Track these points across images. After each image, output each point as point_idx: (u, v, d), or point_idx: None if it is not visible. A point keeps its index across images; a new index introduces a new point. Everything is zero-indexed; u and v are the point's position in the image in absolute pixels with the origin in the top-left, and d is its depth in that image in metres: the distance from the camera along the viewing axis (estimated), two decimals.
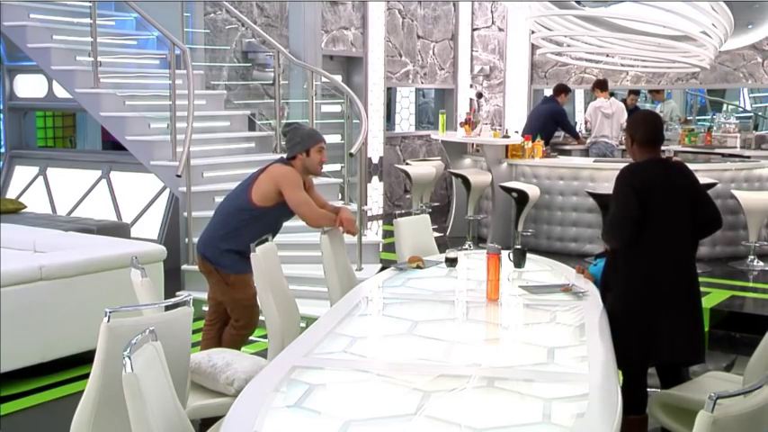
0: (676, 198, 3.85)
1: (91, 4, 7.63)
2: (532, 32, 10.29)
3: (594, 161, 8.81)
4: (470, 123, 9.35)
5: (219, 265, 4.45)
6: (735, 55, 10.69)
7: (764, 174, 8.40)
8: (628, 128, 4.18)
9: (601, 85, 10.12)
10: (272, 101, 8.60)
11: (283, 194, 4.42)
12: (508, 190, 8.27)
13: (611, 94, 10.44)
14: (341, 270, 4.51)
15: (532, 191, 8.16)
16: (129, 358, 2.27)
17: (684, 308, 3.85)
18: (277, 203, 4.45)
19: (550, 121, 9.94)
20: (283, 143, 4.69)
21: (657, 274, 3.81)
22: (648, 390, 3.95)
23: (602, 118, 9.94)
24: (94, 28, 7.55)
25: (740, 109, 12.62)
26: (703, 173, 7.08)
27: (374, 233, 9.35)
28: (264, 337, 4.59)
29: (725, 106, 12.30)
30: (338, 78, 8.82)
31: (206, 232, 4.59)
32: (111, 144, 8.93)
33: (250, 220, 4.42)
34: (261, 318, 4.17)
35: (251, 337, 4.74)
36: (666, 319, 3.78)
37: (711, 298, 6.51)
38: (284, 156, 4.63)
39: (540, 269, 4.54)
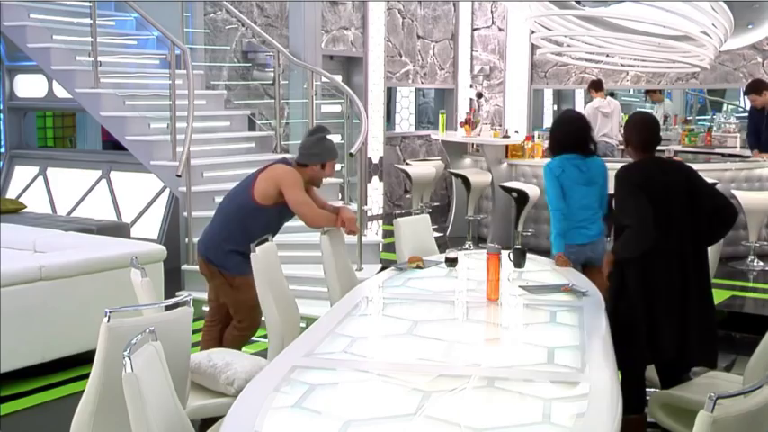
0: (675, 193, 3.85)
1: (91, 4, 7.64)
2: (532, 32, 10.29)
3: None
4: (470, 123, 9.36)
5: (224, 268, 4.44)
6: (735, 55, 10.68)
7: (764, 174, 8.40)
8: (625, 130, 4.19)
9: (595, 86, 10.12)
10: (272, 101, 8.60)
11: (283, 194, 4.42)
12: (508, 190, 8.26)
13: (611, 94, 10.43)
14: (341, 270, 4.51)
15: (532, 191, 8.16)
16: (129, 358, 2.27)
17: (689, 309, 3.84)
18: (276, 203, 4.44)
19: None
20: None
21: (660, 275, 3.81)
22: (648, 390, 3.96)
23: (601, 117, 9.94)
24: (94, 28, 7.56)
25: (740, 109, 12.59)
26: (703, 173, 6.94)
27: (374, 233, 9.35)
28: (264, 337, 4.59)
29: (725, 106, 12.29)
30: (338, 78, 8.82)
31: (207, 234, 4.57)
32: (111, 144, 8.93)
33: (251, 218, 4.41)
34: (262, 318, 4.17)
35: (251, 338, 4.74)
36: (668, 320, 3.79)
37: None
38: (285, 156, 4.62)
39: (540, 269, 4.53)
